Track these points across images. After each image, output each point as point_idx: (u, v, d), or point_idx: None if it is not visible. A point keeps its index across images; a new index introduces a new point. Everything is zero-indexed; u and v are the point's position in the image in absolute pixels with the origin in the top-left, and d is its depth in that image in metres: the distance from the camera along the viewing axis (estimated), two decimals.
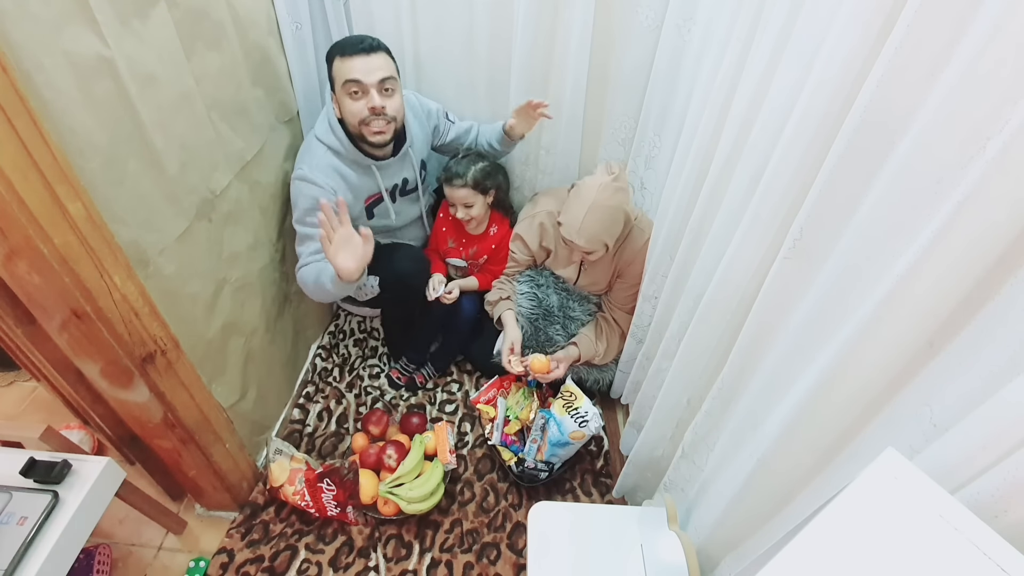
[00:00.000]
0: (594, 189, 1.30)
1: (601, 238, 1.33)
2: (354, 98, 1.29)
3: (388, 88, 1.31)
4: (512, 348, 1.51)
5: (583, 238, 1.32)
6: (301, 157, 1.37)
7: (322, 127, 1.37)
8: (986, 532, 0.41)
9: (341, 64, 1.27)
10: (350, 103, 1.30)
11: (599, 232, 1.32)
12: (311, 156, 1.35)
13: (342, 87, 1.28)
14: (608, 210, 1.30)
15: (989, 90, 0.46)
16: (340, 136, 1.35)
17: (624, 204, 1.33)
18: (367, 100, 1.29)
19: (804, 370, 0.68)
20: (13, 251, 0.78)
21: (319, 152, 1.36)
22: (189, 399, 1.13)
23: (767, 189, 0.77)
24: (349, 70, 1.26)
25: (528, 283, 1.60)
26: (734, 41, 0.88)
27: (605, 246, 1.36)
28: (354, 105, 1.30)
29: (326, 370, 1.77)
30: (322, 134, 1.37)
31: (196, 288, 1.14)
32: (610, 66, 1.47)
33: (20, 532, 0.97)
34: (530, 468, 1.43)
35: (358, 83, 1.27)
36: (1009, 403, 0.44)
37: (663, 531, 0.97)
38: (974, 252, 0.48)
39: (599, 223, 1.31)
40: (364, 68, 1.26)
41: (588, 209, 1.29)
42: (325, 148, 1.36)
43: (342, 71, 1.27)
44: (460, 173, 1.49)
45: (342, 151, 1.36)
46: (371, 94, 1.28)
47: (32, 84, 0.75)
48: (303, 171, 1.33)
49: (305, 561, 1.32)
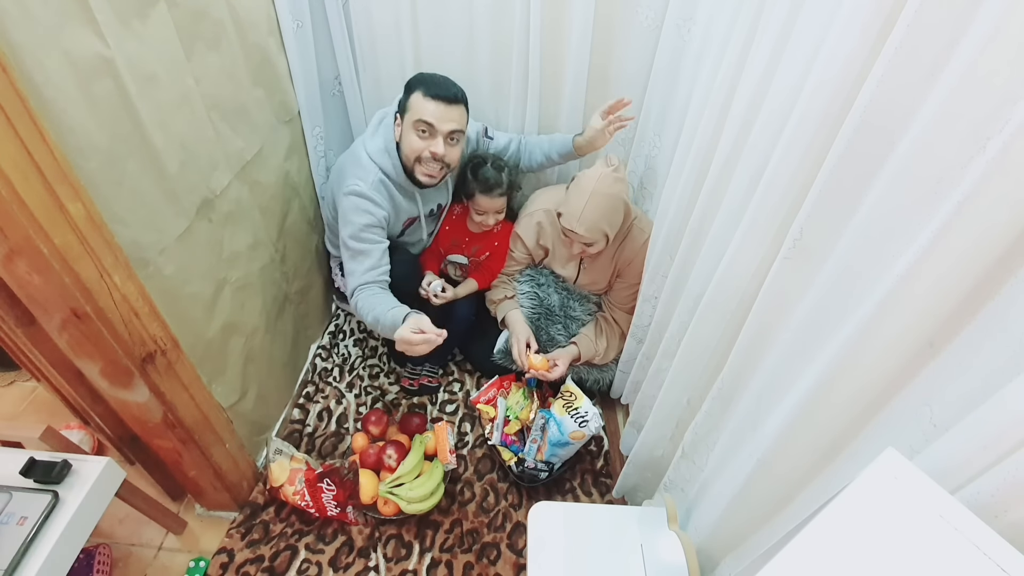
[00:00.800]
0: (594, 179, 1.31)
1: (601, 227, 1.33)
2: (420, 136, 1.32)
3: (454, 139, 1.35)
4: (528, 344, 1.52)
5: (583, 226, 1.32)
6: (351, 172, 1.36)
7: (376, 147, 1.37)
8: (986, 532, 0.41)
9: (421, 101, 1.29)
10: (414, 138, 1.32)
11: (599, 220, 1.32)
12: (364, 173, 1.36)
13: (413, 122, 1.31)
14: (608, 198, 1.31)
15: (989, 90, 0.46)
16: (395, 162, 1.37)
17: (624, 194, 1.34)
18: (431, 144, 1.32)
19: (804, 370, 0.68)
20: (13, 251, 0.78)
21: (372, 171, 1.36)
22: (189, 399, 1.13)
23: (767, 189, 0.77)
24: (426, 111, 1.29)
25: (529, 282, 1.60)
26: (734, 41, 0.88)
27: (605, 237, 1.36)
28: (417, 142, 1.32)
29: (326, 370, 1.77)
30: (376, 154, 1.37)
31: (196, 288, 1.14)
32: (610, 66, 1.47)
33: (20, 532, 0.97)
34: (530, 468, 1.43)
35: (430, 126, 1.30)
36: (1009, 403, 0.44)
37: (663, 531, 0.96)
38: (974, 252, 0.48)
39: (599, 211, 1.31)
40: (441, 115, 1.29)
41: (588, 197, 1.30)
42: (377, 168, 1.37)
43: (419, 108, 1.29)
44: (500, 183, 1.49)
45: (393, 175, 1.38)
46: (437, 140, 1.31)
47: (32, 84, 0.74)
48: (360, 187, 1.33)
49: (305, 561, 1.32)
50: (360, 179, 1.34)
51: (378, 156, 1.37)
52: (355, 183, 1.34)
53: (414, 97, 1.30)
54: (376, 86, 1.65)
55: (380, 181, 1.36)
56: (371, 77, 1.63)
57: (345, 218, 1.36)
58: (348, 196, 1.34)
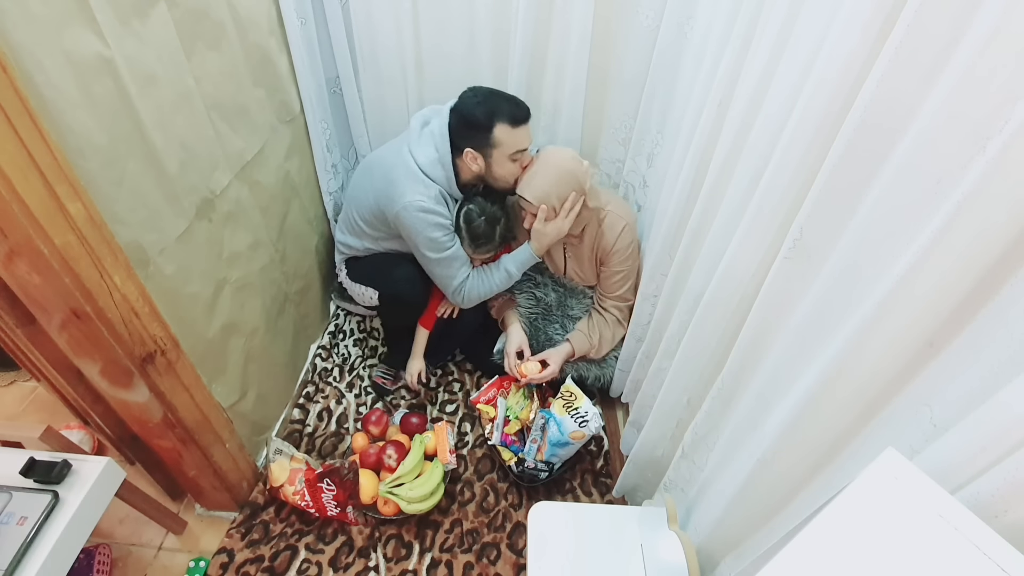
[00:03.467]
0: (554, 152, 1.37)
1: (548, 194, 1.35)
2: (516, 161, 1.36)
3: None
4: (520, 351, 1.51)
5: (529, 191, 1.36)
6: (407, 186, 1.36)
7: (427, 159, 1.38)
8: (986, 532, 0.41)
9: (511, 133, 1.32)
10: (512, 167, 1.37)
11: (544, 186, 1.35)
12: (425, 188, 1.37)
13: (509, 155, 1.34)
14: (558, 169, 1.35)
15: (989, 90, 0.46)
16: (450, 175, 1.39)
17: (577, 174, 1.36)
18: (523, 161, 1.38)
19: (804, 370, 0.68)
20: (13, 251, 0.78)
21: (430, 186, 1.38)
22: (189, 399, 1.13)
23: (767, 189, 0.77)
24: (520, 141, 1.33)
25: (527, 282, 1.60)
26: (734, 40, 0.88)
27: (554, 210, 1.38)
28: (512, 169, 1.37)
29: (326, 370, 1.77)
30: (428, 167, 1.38)
31: (196, 288, 1.14)
32: (610, 66, 1.47)
33: (20, 532, 0.97)
34: (530, 468, 1.43)
35: (525, 151, 1.36)
36: (1009, 403, 0.44)
37: (663, 531, 0.96)
38: (974, 252, 0.48)
39: (545, 178, 1.35)
40: (529, 137, 1.36)
41: (540, 164, 1.36)
42: (431, 182, 1.38)
43: (513, 140, 1.32)
44: (491, 239, 1.47)
45: (446, 188, 1.40)
46: (526, 154, 1.37)
47: (32, 84, 0.75)
48: (426, 204, 1.35)
49: (305, 561, 1.32)
50: (421, 194, 1.36)
51: (431, 169, 1.38)
52: (419, 199, 1.35)
53: (500, 131, 1.31)
54: (376, 86, 1.65)
55: (439, 194, 1.39)
56: (371, 77, 1.63)
57: (419, 233, 1.38)
58: (416, 213, 1.36)
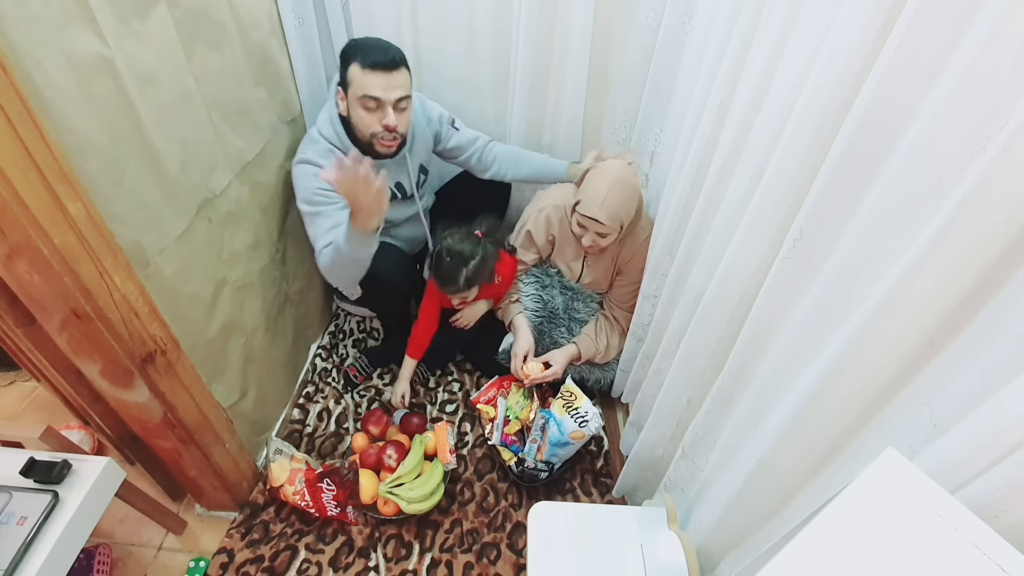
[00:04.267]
0: (615, 167, 1.31)
1: (620, 215, 1.33)
2: (369, 111, 1.28)
3: (403, 106, 1.30)
4: (526, 356, 1.51)
5: (605, 212, 1.30)
6: (303, 147, 1.37)
7: (323, 118, 1.37)
8: (986, 532, 0.41)
9: (361, 75, 1.23)
10: (363, 114, 1.29)
11: (618, 207, 1.31)
12: (313, 144, 1.35)
13: (359, 98, 1.27)
14: (630, 187, 1.32)
15: (989, 90, 0.46)
16: (340, 132, 1.35)
17: (639, 188, 1.35)
18: (382, 116, 1.28)
19: (804, 370, 0.68)
20: (13, 251, 0.78)
21: (320, 142, 1.36)
22: (189, 399, 1.13)
23: (767, 189, 0.77)
24: (370, 85, 1.24)
25: (534, 284, 1.60)
26: (734, 40, 0.88)
27: (620, 227, 1.36)
28: (368, 117, 1.29)
29: (326, 370, 1.77)
30: (322, 126, 1.36)
31: (196, 288, 1.14)
32: (610, 66, 1.47)
33: (20, 532, 0.97)
34: (530, 468, 1.43)
35: (377, 100, 1.26)
36: (1009, 403, 0.44)
37: (663, 531, 0.96)
38: (974, 252, 0.48)
39: (620, 197, 1.31)
40: (386, 85, 1.24)
41: (612, 183, 1.29)
42: (322, 138, 1.36)
43: (362, 83, 1.24)
44: (454, 280, 1.37)
45: (339, 145, 1.36)
46: (387, 111, 1.27)
47: (32, 84, 0.74)
48: (307, 155, 1.33)
49: (305, 561, 1.32)
50: (308, 150, 1.34)
51: (324, 127, 1.35)
52: (301, 153, 1.35)
53: (352, 70, 1.24)
54: None
55: (328, 150, 1.34)
56: None
57: (297, 187, 1.34)
58: (296, 166, 1.35)
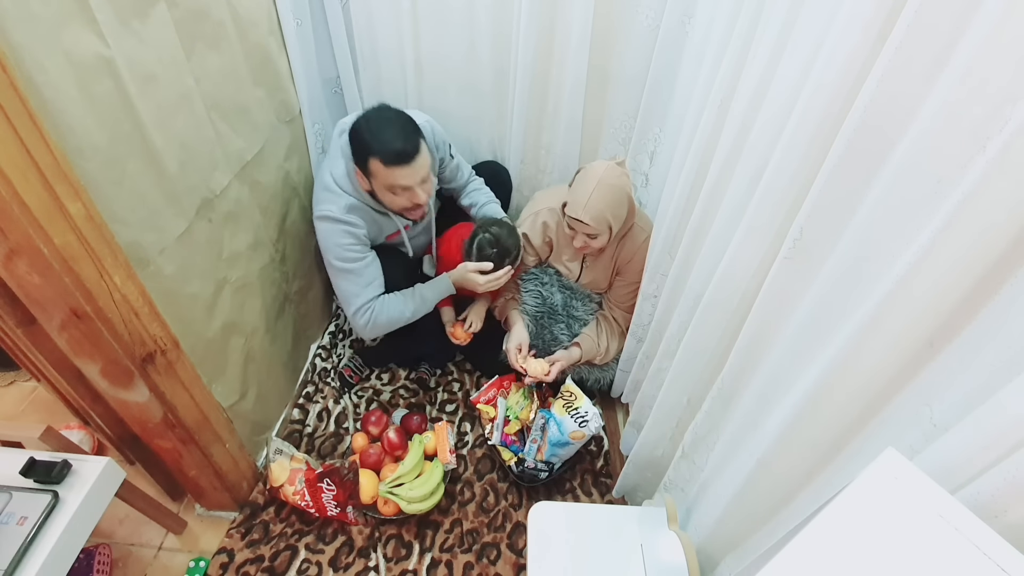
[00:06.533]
0: (601, 169, 1.31)
1: (606, 216, 1.32)
2: (397, 195, 1.27)
3: (427, 179, 1.29)
4: (520, 348, 1.52)
5: (589, 215, 1.31)
6: (323, 194, 1.33)
7: (340, 172, 1.32)
8: (986, 532, 0.41)
9: (386, 171, 1.22)
10: (391, 197, 1.28)
11: (604, 210, 1.31)
12: (335, 198, 1.31)
13: (387, 187, 1.25)
14: (614, 189, 1.31)
15: (989, 90, 0.46)
16: (365, 198, 1.34)
17: (628, 189, 1.34)
18: (411, 196, 1.27)
19: (804, 370, 0.68)
20: (13, 251, 0.78)
21: (342, 197, 1.32)
22: (189, 399, 1.13)
23: (767, 189, 0.77)
24: (396, 177, 1.23)
25: (533, 281, 1.60)
26: (734, 40, 0.88)
27: (609, 229, 1.35)
28: (397, 199, 1.29)
29: (326, 370, 1.77)
30: (340, 179, 1.32)
31: (196, 288, 1.14)
32: (610, 66, 1.47)
33: (20, 532, 0.97)
34: (530, 468, 1.43)
35: (404, 188, 1.25)
36: (1009, 403, 0.44)
37: (663, 531, 0.97)
38: (974, 252, 0.48)
39: (604, 200, 1.30)
40: (411, 175, 1.23)
41: (595, 186, 1.29)
42: (345, 194, 1.32)
43: (387, 176, 1.23)
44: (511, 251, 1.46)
45: (359, 197, 1.34)
46: (416, 192, 1.27)
47: (32, 84, 0.74)
48: (332, 212, 1.30)
49: (305, 561, 1.32)
50: (329, 203, 1.31)
51: (343, 181, 1.32)
52: (326, 208, 1.31)
53: (374, 164, 1.22)
54: (376, 86, 1.65)
55: (350, 206, 1.32)
56: (371, 77, 1.63)
57: (325, 243, 1.34)
58: (321, 221, 1.32)
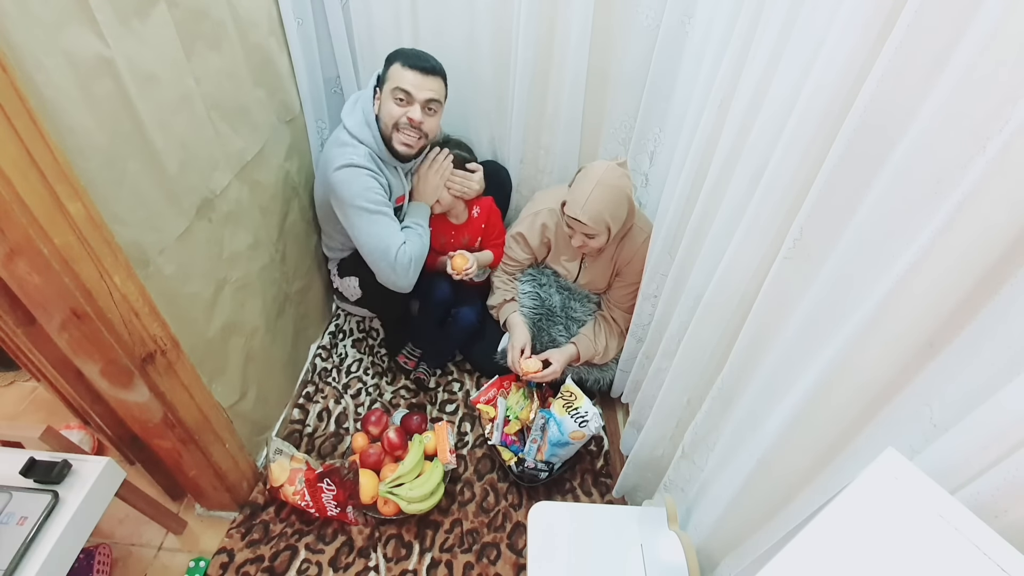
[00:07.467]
0: (601, 169, 1.31)
1: (604, 217, 1.32)
2: (398, 104, 1.35)
3: (432, 109, 1.38)
4: (523, 350, 1.51)
5: (587, 214, 1.31)
6: (339, 151, 1.38)
7: (354, 122, 1.39)
8: (986, 532, 0.41)
9: (399, 71, 1.32)
10: (392, 106, 1.35)
11: (602, 210, 1.31)
12: (353, 149, 1.37)
13: (391, 90, 1.33)
14: (613, 189, 1.31)
15: (989, 90, 0.46)
16: (376, 134, 1.39)
17: (628, 190, 1.34)
18: (409, 110, 1.35)
19: (804, 370, 0.68)
20: (13, 251, 0.78)
21: (359, 147, 1.38)
22: (189, 399, 1.13)
23: (767, 189, 0.77)
24: (404, 79, 1.32)
25: (530, 282, 1.60)
26: (734, 40, 0.88)
27: (608, 230, 1.35)
28: (395, 109, 1.35)
29: (326, 370, 1.77)
30: (356, 129, 1.38)
31: (196, 288, 1.14)
32: (610, 66, 1.47)
33: (20, 532, 0.97)
34: (530, 468, 1.43)
35: (407, 94, 1.33)
36: (1009, 403, 0.44)
37: (663, 531, 0.96)
38: (974, 252, 0.48)
39: (603, 201, 1.31)
40: (418, 83, 1.32)
41: (595, 186, 1.30)
42: (358, 142, 1.38)
43: (397, 77, 1.32)
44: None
45: (375, 148, 1.40)
46: (415, 107, 1.34)
47: (32, 84, 0.74)
48: (352, 160, 1.35)
49: (305, 561, 1.32)
50: (349, 154, 1.36)
51: (359, 131, 1.38)
52: (348, 157, 1.35)
53: (393, 68, 1.33)
54: None
55: (368, 154, 1.38)
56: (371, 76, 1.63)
57: (351, 190, 1.36)
58: (343, 170, 1.35)
